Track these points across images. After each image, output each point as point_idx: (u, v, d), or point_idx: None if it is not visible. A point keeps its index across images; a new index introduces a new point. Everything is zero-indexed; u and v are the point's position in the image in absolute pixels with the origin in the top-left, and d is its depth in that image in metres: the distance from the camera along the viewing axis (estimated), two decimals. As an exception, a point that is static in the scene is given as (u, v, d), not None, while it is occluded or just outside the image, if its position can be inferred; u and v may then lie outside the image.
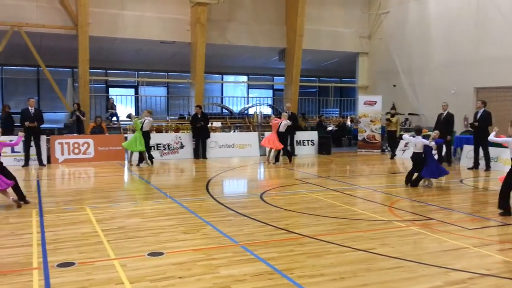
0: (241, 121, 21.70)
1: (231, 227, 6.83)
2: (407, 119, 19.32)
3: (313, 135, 18.19)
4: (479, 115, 13.37)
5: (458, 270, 5.12)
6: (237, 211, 7.83)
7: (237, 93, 25.92)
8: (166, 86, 24.56)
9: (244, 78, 26.65)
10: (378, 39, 21.58)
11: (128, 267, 5.10)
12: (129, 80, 23.52)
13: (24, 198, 8.33)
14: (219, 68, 24.20)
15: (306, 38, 20.15)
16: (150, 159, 13.95)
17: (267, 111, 24.22)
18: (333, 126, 21.77)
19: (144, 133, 13.62)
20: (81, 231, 6.55)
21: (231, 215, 7.61)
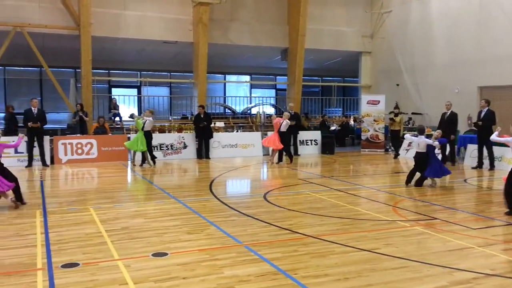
0: (244, 121, 21.69)
1: (235, 227, 6.83)
2: (410, 118, 19.28)
3: (316, 135, 18.16)
4: (483, 114, 13.33)
5: (462, 270, 5.10)
6: (240, 211, 7.83)
7: (239, 93, 25.90)
8: (168, 86, 24.57)
9: (246, 78, 26.63)
10: (380, 38, 21.55)
11: (132, 267, 5.10)
12: (132, 80, 23.53)
13: (21, 199, 8.29)
14: (222, 68, 24.21)
15: (308, 37, 20.15)
16: (152, 159, 13.96)
17: (270, 111, 24.20)
18: (336, 125, 21.72)
19: (145, 133, 13.62)
20: (85, 231, 6.56)
21: (234, 215, 7.61)
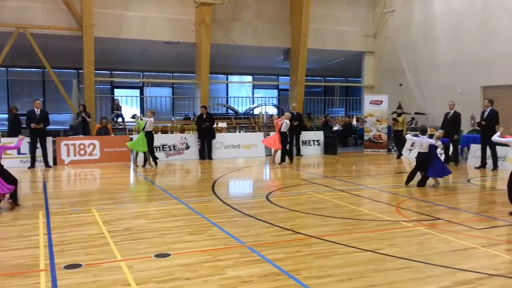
0: (247, 121, 21.68)
1: (237, 228, 6.81)
2: (413, 118, 19.23)
3: (319, 135, 18.14)
4: (486, 114, 13.29)
5: (466, 270, 5.09)
6: (243, 212, 7.82)
7: (242, 93, 25.90)
8: (171, 86, 24.59)
9: (249, 78, 26.62)
10: (383, 38, 21.51)
11: (134, 268, 5.10)
12: (134, 81, 23.57)
13: (16, 201, 8.24)
14: (224, 68, 24.22)
15: (311, 37, 20.13)
16: (154, 160, 13.93)
17: (273, 111, 24.19)
18: (339, 126, 21.71)
19: (146, 134, 13.61)
20: (88, 232, 6.56)
21: (237, 216, 7.60)
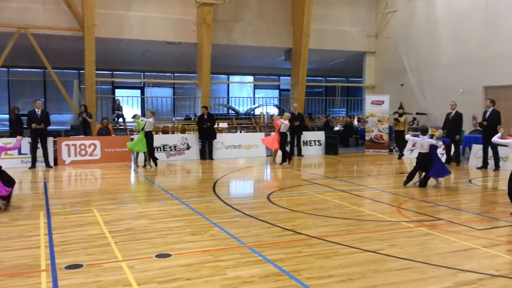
0: (248, 121, 21.68)
1: (238, 228, 6.81)
2: (415, 118, 19.21)
3: (320, 135, 18.12)
4: (488, 114, 13.25)
5: (467, 271, 5.07)
6: (244, 212, 7.81)
7: (243, 93, 25.90)
8: (172, 87, 24.59)
9: (250, 78, 26.62)
10: (385, 38, 21.49)
11: (136, 268, 5.10)
12: (135, 81, 23.58)
13: (9, 202, 8.19)
14: (225, 68, 24.21)
15: (312, 37, 20.12)
16: (154, 161, 13.88)
17: (274, 111, 24.17)
18: (340, 126, 21.70)
19: (146, 134, 13.60)
20: (89, 233, 6.55)
21: (238, 216, 7.59)
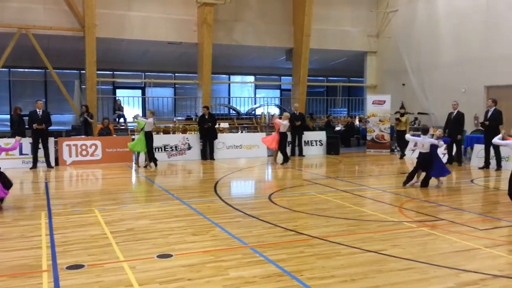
0: (249, 121, 21.67)
1: (239, 228, 6.79)
2: (416, 118, 19.19)
3: (321, 135, 18.10)
4: (489, 114, 13.23)
5: (469, 271, 5.06)
6: (245, 213, 7.79)
7: (244, 93, 25.88)
8: (173, 87, 24.58)
9: (251, 78, 26.59)
10: (386, 37, 21.46)
11: (137, 269, 5.09)
12: (136, 81, 23.58)
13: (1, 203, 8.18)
14: (226, 68, 24.20)
15: (313, 37, 20.11)
16: (153, 161, 13.81)
17: (275, 111, 24.14)
18: (341, 126, 21.67)
19: (145, 134, 13.58)
20: (90, 233, 6.55)
21: (239, 217, 7.58)
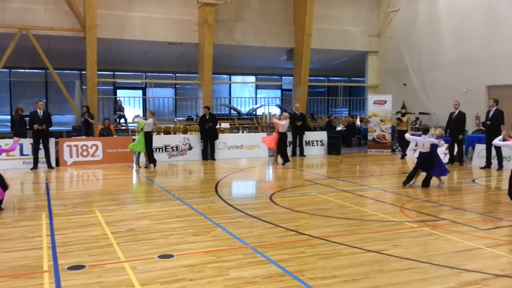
0: (249, 122, 21.66)
1: (241, 228, 6.79)
2: (417, 118, 19.17)
3: (322, 135, 18.08)
4: (491, 114, 13.22)
5: (471, 271, 5.05)
6: (246, 213, 7.79)
7: (245, 93, 25.85)
8: (174, 87, 24.56)
9: (252, 78, 26.56)
10: (387, 37, 21.44)
11: (138, 269, 5.08)
12: (137, 81, 23.58)
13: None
14: (227, 68, 24.18)
15: (314, 37, 20.10)
16: (153, 162, 13.75)
17: (276, 111, 24.11)
18: (342, 126, 21.64)
19: (145, 135, 13.57)
20: (91, 233, 6.55)
21: (240, 217, 7.57)
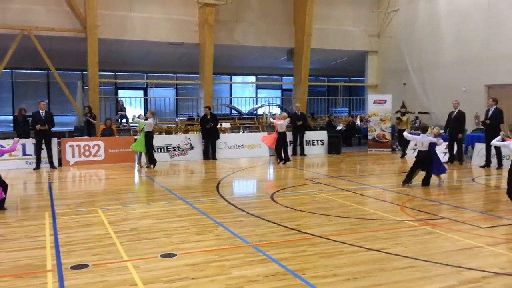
0: (250, 121, 21.70)
1: (242, 227, 6.83)
2: (417, 117, 19.20)
3: (323, 135, 18.11)
4: (490, 113, 13.26)
5: (472, 269, 5.08)
6: (248, 212, 7.82)
7: (245, 93, 25.89)
8: (175, 87, 24.60)
9: (252, 78, 26.58)
10: (387, 37, 21.46)
11: (141, 268, 5.12)
12: (138, 82, 23.62)
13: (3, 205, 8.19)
14: (228, 68, 24.22)
15: (314, 37, 20.13)
16: (152, 163, 13.77)
17: (276, 111, 24.14)
18: (342, 125, 21.67)
19: (145, 135, 13.60)
20: (94, 233, 6.58)
21: (242, 216, 7.61)
